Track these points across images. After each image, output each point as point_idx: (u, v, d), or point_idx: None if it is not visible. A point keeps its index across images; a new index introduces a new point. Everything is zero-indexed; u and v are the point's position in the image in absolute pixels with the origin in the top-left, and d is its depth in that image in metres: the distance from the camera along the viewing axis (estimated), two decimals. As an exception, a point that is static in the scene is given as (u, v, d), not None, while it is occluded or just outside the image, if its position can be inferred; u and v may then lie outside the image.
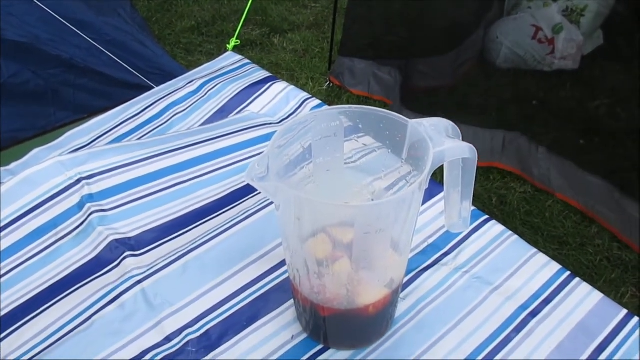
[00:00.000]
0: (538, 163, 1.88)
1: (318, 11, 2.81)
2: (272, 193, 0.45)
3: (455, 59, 2.23)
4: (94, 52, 1.79)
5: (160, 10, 2.86)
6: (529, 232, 1.67)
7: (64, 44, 1.72)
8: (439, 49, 2.19)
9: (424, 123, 0.51)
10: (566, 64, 2.26)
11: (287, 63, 2.47)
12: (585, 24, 2.28)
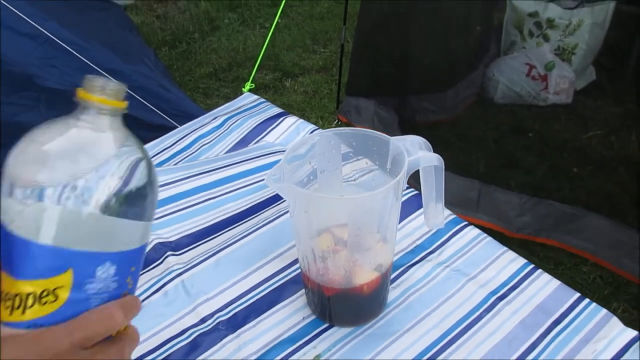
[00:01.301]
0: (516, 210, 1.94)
1: (326, 56, 3.02)
2: (285, 192, 0.60)
3: (455, 95, 2.40)
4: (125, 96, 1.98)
5: (180, 58, 3.09)
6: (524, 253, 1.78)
7: (99, 90, 1.92)
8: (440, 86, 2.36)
9: (403, 139, 0.66)
10: (560, 99, 2.41)
11: (299, 104, 2.65)
12: (576, 61, 2.45)
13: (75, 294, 0.36)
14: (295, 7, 3.67)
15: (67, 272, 0.35)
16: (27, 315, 0.35)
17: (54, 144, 0.38)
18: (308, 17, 3.53)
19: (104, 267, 0.37)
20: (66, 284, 0.35)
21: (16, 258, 0.35)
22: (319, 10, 3.58)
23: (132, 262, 0.40)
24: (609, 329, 0.70)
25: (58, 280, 0.35)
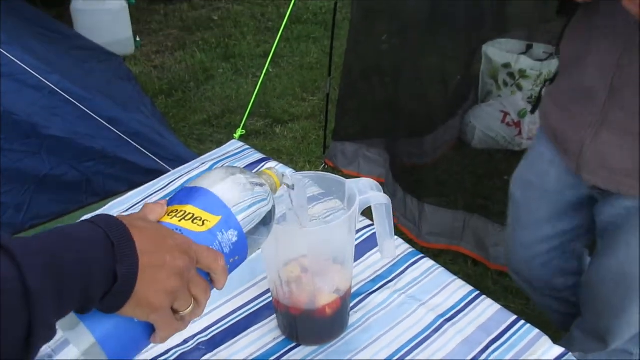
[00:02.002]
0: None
1: (315, 104, 3.18)
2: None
3: (434, 140, 2.54)
4: (121, 142, 2.11)
5: (176, 106, 3.25)
6: (500, 290, 1.89)
7: (98, 137, 2.05)
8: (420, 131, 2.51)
9: (357, 181, 0.78)
10: (533, 144, 2.56)
11: (288, 149, 2.79)
12: (548, 109, 2.61)
13: (212, 231, 0.53)
14: (287, 57, 3.87)
15: (217, 216, 0.54)
16: (182, 223, 0.52)
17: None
18: (298, 67, 3.72)
19: (233, 233, 0.55)
20: (213, 221, 0.54)
21: (199, 195, 0.55)
22: (308, 61, 3.78)
23: (241, 250, 0.57)
24: (540, 346, 0.80)
25: (210, 217, 0.54)
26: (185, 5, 5.04)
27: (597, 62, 0.85)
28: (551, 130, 1.00)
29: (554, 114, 0.99)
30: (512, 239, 1.22)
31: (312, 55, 3.85)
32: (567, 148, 0.95)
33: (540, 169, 1.05)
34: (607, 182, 0.92)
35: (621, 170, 0.89)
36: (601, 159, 0.90)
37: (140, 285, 0.44)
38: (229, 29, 4.43)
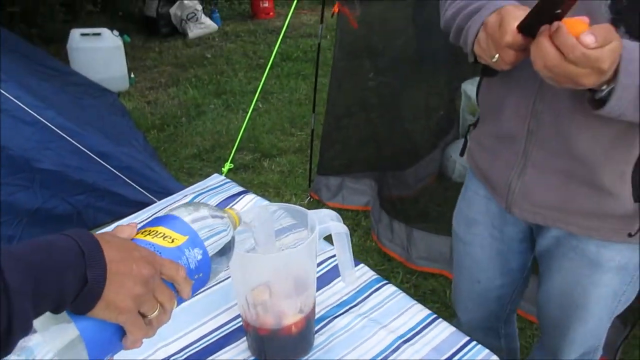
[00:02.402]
0: None
1: (303, 138, 3.28)
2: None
3: (416, 173, 2.63)
4: (112, 176, 2.19)
5: (168, 140, 3.34)
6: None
7: (89, 171, 2.13)
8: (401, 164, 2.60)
9: (318, 212, 0.86)
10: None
11: (275, 182, 2.88)
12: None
13: (179, 247, 0.61)
14: (276, 94, 4.00)
15: (185, 236, 0.62)
16: (154, 240, 0.60)
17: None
18: (287, 102, 3.84)
19: (199, 251, 0.62)
20: (181, 240, 0.61)
21: (169, 220, 0.64)
22: (297, 97, 3.90)
23: (205, 268, 0.64)
24: (489, 365, 0.87)
25: (179, 236, 0.62)
26: (180, 42, 5.20)
27: (513, 109, 0.94)
28: (479, 171, 1.09)
29: (480, 156, 1.07)
30: (459, 277, 1.26)
31: (301, 91, 3.98)
32: (496, 187, 1.03)
33: (480, 206, 1.12)
34: (535, 216, 0.99)
35: (546, 205, 0.97)
36: (527, 196, 0.98)
37: (108, 289, 0.51)
38: (221, 66, 4.58)
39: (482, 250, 1.15)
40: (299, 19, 5.77)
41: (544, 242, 1.05)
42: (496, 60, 0.79)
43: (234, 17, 6.19)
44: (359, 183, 2.58)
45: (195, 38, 5.31)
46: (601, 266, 0.98)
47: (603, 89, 0.75)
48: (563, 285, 1.04)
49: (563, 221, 0.97)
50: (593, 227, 0.95)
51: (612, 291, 1.01)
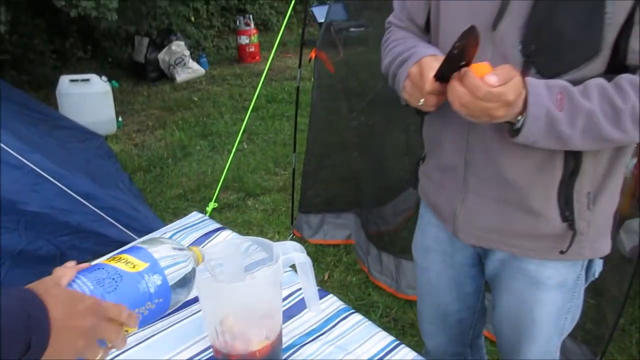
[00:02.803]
0: None
1: (286, 177, 3.36)
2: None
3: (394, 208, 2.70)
4: (97, 217, 2.24)
5: (153, 181, 3.40)
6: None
7: (74, 212, 2.18)
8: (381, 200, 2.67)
9: (282, 244, 0.92)
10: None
11: (258, 221, 2.93)
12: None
13: (140, 273, 0.67)
14: (261, 134, 4.10)
15: (146, 263, 0.68)
16: (118, 265, 0.67)
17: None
18: (272, 143, 3.94)
19: (159, 277, 0.69)
20: (142, 266, 0.68)
21: (133, 249, 0.71)
22: (281, 137, 4.00)
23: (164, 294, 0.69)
24: (447, 386, 0.92)
25: (140, 263, 0.68)
26: (168, 87, 5.34)
27: (451, 143, 1.03)
28: (429, 201, 1.17)
29: (428, 187, 1.16)
30: (421, 303, 1.32)
31: (285, 132, 4.08)
32: (444, 215, 1.11)
33: (432, 235, 1.20)
34: (479, 240, 1.08)
35: (487, 229, 1.04)
36: (470, 221, 1.05)
37: (51, 348, 0.55)
38: (207, 109, 4.69)
39: (438, 276, 1.22)
40: (284, 63, 5.95)
41: (491, 266, 1.12)
42: (422, 104, 0.90)
43: (221, 61, 6.37)
44: (340, 218, 2.65)
45: (183, 82, 5.45)
46: (542, 284, 1.05)
47: (518, 119, 0.85)
48: (512, 306, 1.11)
49: (503, 243, 1.04)
50: (530, 248, 1.02)
51: (556, 308, 1.07)
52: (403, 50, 1.00)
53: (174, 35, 5.55)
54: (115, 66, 5.81)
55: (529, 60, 0.87)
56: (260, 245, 0.97)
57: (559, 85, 0.84)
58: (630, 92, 0.82)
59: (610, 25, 0.82)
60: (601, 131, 0.84)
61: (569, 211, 0.96)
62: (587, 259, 1.04)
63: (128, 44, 5.85)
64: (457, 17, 0.94)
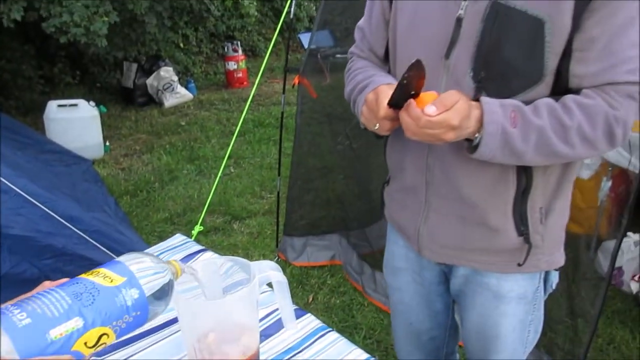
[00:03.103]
0: None
1: (272, 201, 3.39)
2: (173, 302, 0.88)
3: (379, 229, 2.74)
4: (82, 240, 2.25)
5: (140, 205, 3.41)
6: None
7: (59, 235, 2.19)
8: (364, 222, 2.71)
9: (259, 263, 0.95)
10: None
11: (244, 244, 2.95)
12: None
13: (118, 287, 0.69)
14: (248, 158, 4.14)
15: (123, 277, 0.70)
16: (95, 279, 0.68)
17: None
18: (258, 167, 3.98)
19: (136, 291, 0.70)
20: (119, 280, 0.69)
21: (111, 264, 0.72)
22: (268, 161, 4.04)
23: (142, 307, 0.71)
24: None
25: (118, 277, 0.69)
26: (156, 111, 5.38)
27: (412, 165, 1.08)
28: (395, 222, 1.21)
29: (393, 209, 1.20)
30: (395, 322, 1.36)
31: (272, 156, 4.13)
32: (409, 234, 1.15)
33: (401, 255, 1.24)
34: (442, 257, 1.12)
35: (449, 245, 1.09)
36: (433, 239, 1.10)
37: None
38: (195, 133, 4.74)
39: (409, 295, 1.25)
40: (272, 88, 6.03)
41: (456, 282, 1.16)
42: (377, 128, 0.97)
43: (209, 86, 6.44)
44: (323, 239, 2.68)
45: (171, 107, 5.50)
46: (504, 297, 1.09)
47: (476, 136, 0.91)
48: (478, 321, 1.15)
49: (465, 259, 1.09)
50: (490, 262, 1.07)
51: (519, 320, 1.11)
52: (363, 78, 1.06)
53: (163, 61, 5.62)
54: (103, 91, 5.86)
55: (480, 85, 0.93)
56: (238, 265, 1.00)
57: (512, 104, 0.90)
58: (575, 111, 0.89)
59: (551, 53, 0.89)
60: (552, 146, 0.90)
61: (523, 226, 1.02)
62: (543, 271, 1.10)
63: (116, 70, 5.91)
64: (413, 47, 1.01)
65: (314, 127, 2.80)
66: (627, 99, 0.89)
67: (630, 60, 0.88)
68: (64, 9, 3.77)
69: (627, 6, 0.86)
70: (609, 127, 0.90)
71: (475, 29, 0.92)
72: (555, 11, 0.86)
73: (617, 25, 0.87)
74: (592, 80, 0.90)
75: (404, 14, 1.02)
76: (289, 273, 2.60)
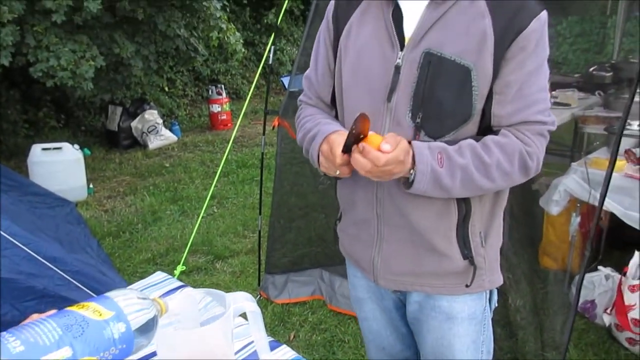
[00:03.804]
0: None
1: (255, 240, 3.42)
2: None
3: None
4: (64, 281, 2.26)
5: (122, 246, 3.43)
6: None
7: (41, 276, 2.21)
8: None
9: (234, 294, 1.00)
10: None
11: (226, 283, 2.97)
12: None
13: (106, 320, 0.73)
14: (231, 198, 4.19)
15: (111, 312, 0.75)
16: (85, 312, 0.73)
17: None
18: (241, 207, 4.03)
19: (122, 325, 0.75)
20: (107, 315, 0.74)
21: (100, 298, 0.78)
22: (251, 201, 4.10)
23: (128, 341, 0.76)
24: None
25: (106, 312, 0.74)
26: (140, 153, 5.44)
27: (363, 199, 1.16)
28: (350, 256, 1.28)
29: (348, 243, 1.27)
30: (368, 348, 1.42)
31: (255, 196, 4.18)
32: (364, 266, 1.22)
33: (361, 286, 1.31)
34: (396, 284, 1.19)
35: (402, 273, 1.17)
36: (387, 268, 1.17)
37: None
38: (179, 174, 4.79)
39: (376, 323, 1.31)
40: (255, 129, 6.14)
41: (411, 308, 1.23)
42: (339, 174, 1.06)
43: (194, 128, 6.54)
44: (303, 275, 2.72)
45: (155, 149, 5.57)
46: (455, 318, 1.17)
47: (411, 173, 1.01)
48: (434, 343, 1.21)
49: (418, 284, 1.16)
50: (440, 285, 1.15)
51: (471, 340, 1.18)
52: (311, 127, 1.15)
53: (148, 104, 5.72)
54: (88, 134, 5.92)
55: (418, 125, 1.04)
56: (214, 296, 1.05)
57: (438, 146, 1.01)
58: (494, 149, 1.01)
59: (477, 96, 1.01)
60: (475, 181, 1.02)
61: (467, 249, 1.11)
62: (488, 290, 1.18)
63: (101, 113, 5.99)
64: (358, 93, 1.11)
65: (296, 167, 2.87)
66: (538, 137, 1.04)
67: (539, 102, 1.03)
68: (52, 54, 3.86)
69: (535, 56, 1.00)
70: (523, 162, 1.03)
71: (412, 75, 1.03)
72: (479, 60, 0.99)
73: (528, 73, 1.00)
74: (509, 119, 1.03)
75: (347, 63, 1.12)
76: (270, 311, 2.62)
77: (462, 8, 1.01)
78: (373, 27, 1.09)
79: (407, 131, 1.05)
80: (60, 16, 3.76)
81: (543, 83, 1.03)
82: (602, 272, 2.51)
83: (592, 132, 3.06)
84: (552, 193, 2.43)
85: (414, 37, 1.03)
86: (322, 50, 1.20)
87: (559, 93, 3.33)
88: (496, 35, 0.98)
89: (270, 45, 2.60)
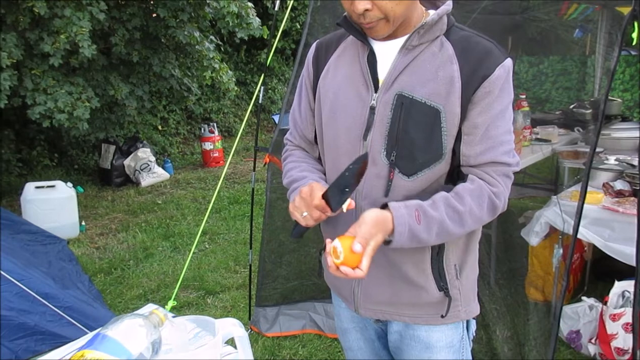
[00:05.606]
0: None
1: (245, 275, 3.45)
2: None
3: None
4: (55, 317, 2.29)
5: (114, 283, 3.45)
6: None
7: (32, 312, 2.23)
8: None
9: (222, 320, 1.05)
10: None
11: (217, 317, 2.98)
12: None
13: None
14: (223, 234, 4.23)
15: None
16: None
17: None
18: (233, 242, 4.07)
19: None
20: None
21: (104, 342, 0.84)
22: (243, 237, 4.14)
23: None
24: None
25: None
26: (132, 191, 5.49)
27: (344, 232, 1.21)
28: (333, 286, 1.34)
29: (329, 274, 1.32)
30: None
31: (246, 231, 4.23)
32: (346, 296, 1.28)
33: (346, 317, 1.36)
34: (376, 313, 1.24)
35: (382, 303, 1.22)
36: (368, 298, 1.22)
37: None
38: (171, 211, 4.84)
39: (361, 352, 1.36)
40: (247, 166, 6.23)
41: (392, 338, 1.28)
42: (305, 216, 1.09)
43: (186, 166, 6.62)
44: (295, 308, 2.75)
45: (148, 186, 5.62)
46: (434, 347, 1.21)
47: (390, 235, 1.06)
48: None
49: (397, 314, 1.21)
50: (418, 315, 1.20)
51: None
52: (298, 177, 1.21)
53: (141, 143, 5.81)
54: (81, 172, 5.98)
55: (393, 162, 1.10)
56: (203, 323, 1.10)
57: (414, 204, 1.06)
58: (466, 198, 1.07)
59: (447, 136, 1.07)
60: (449, 232, 1.07)
61: (442, 281, 1.16)
62: (464, 320, 1.23)
63: (94, 151, 6.06)
64: (336, 131, 1.16)
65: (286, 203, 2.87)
66: (504, 177, 1.11)
67: (505, 143, 1.09)
68: (49, 96, 3.96)
69: (500, 100, 1.07)
70: (492, 203, 1.09)
71: (386, 115, 1.09)
72: (448, 102, 1.06)
73: (494, 115, 1.07)
74: (476, 159, 1.09)
75: (326, 103, 1.19)
76: (261, 345, 2.64)
77: (431, 54, 1.08)
78: (349, 70, 1.16)
79: (382, 169, 1.10)
80: (57, 59, 3.88)
81: (508, 126, 1.09)
82: (586, 302, 2.56)
83: (572, 167, 3.16)
84: (534, 224, 2.50)
85: (386, 80, 1.10)
86: (304, 92, 1.28)
87: (541, 130, 3.44)
88: (463, 80, 1.05)
89: (260, 85, 2.71)
